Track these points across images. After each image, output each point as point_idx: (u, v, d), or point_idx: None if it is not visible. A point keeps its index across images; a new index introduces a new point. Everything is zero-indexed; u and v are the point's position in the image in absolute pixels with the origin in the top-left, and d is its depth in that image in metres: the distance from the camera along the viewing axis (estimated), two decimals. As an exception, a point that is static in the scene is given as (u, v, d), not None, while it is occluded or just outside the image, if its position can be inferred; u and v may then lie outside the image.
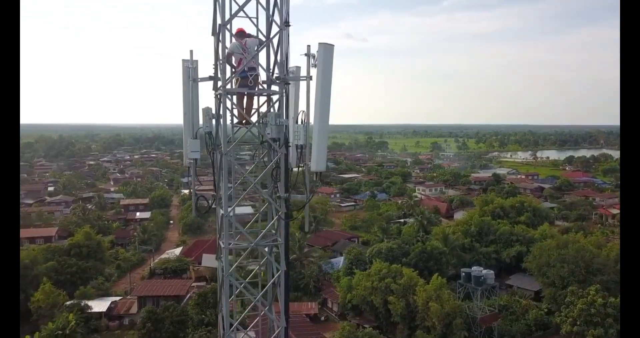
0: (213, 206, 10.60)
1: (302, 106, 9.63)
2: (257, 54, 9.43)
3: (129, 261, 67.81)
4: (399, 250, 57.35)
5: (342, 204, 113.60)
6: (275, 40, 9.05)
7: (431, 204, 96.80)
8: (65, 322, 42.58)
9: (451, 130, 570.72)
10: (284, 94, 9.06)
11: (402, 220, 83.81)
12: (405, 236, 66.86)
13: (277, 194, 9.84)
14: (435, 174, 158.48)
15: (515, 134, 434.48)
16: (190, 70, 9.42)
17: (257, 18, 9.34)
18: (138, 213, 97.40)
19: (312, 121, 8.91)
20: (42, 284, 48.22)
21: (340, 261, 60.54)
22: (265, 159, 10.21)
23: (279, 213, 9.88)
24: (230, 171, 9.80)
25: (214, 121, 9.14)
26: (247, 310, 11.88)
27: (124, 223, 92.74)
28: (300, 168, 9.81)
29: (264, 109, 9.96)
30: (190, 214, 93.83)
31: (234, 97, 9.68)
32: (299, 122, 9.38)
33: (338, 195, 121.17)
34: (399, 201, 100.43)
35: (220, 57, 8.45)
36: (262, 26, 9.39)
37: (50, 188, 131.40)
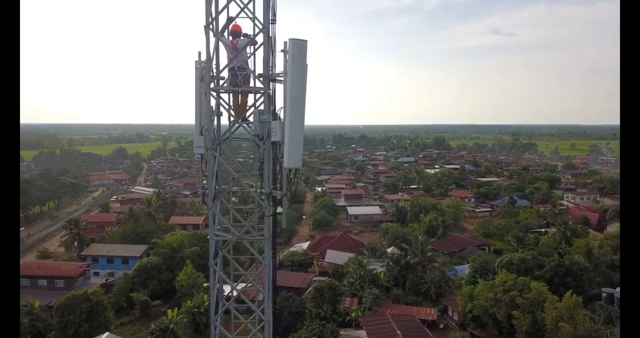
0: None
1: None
2: (246, 54, 9.60)
3: (262, 252, 72.76)
4: (533, 262, 52.43)
5: (477, 210, 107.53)
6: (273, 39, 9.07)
7: (579, 214, 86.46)
8: (200, 301, 47.51)
9: (616, 131, 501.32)
10: (268, 91, 9.00)
11: (542, 230, 76.54)
12: (542, 248, 61.02)
13: (261, 190, 9.86)
14: (589, 181, 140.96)
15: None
16: (198, 70, 9.84)
17: (253, 16, 9.49)
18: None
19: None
20: (185, 266, 54.35)
21: (465, 268, 57.46)
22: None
23: (261, 209, 9.92)
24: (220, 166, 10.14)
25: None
26: (232, 299, 12.02)
27: (261, 214, 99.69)
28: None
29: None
30: (321, 211, 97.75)
31: (230, 95, 10.03)
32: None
33: (473, 199, 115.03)
34: (542, 209, 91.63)
35: (206, 57, 8.74)
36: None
37: (205, 181, 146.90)
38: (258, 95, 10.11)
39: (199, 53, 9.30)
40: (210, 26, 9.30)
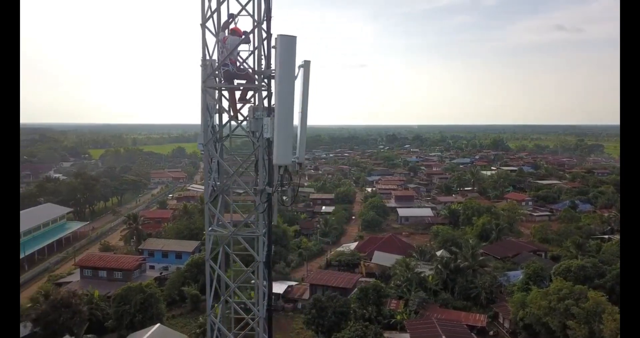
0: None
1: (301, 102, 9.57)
2: (234, 51, 9.58)
3: (309, 251, 73.35)
4: (593, 270, 49.53)
5: (535, 214, 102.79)
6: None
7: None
8: (247, 297, 48.51)
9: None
10: (262, 88, 8.87)
11: (605, 236, 72.00)
12: (605, 255, 57.44)
13: (255, 187, 9.77)
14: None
15: None
16: (203, 69, 9.97)
17: (254, 14, 9.46)
18: (324, 207, 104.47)
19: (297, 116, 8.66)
20: (234, 262, 55.65)
21: (519, 274, 55.08)
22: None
23: (256, 205, 9.85)
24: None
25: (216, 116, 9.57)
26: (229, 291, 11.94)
27: (311, 215, 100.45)
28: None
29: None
30: (371, 211, 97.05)
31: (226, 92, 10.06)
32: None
33: (530, 203, 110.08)
34: (606, 214, 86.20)
35: (201, 55, 8.77)
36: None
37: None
38: (251, 92, 10.23)
39: (205, 51, 9.48)
40: (208, 23, 9.45)
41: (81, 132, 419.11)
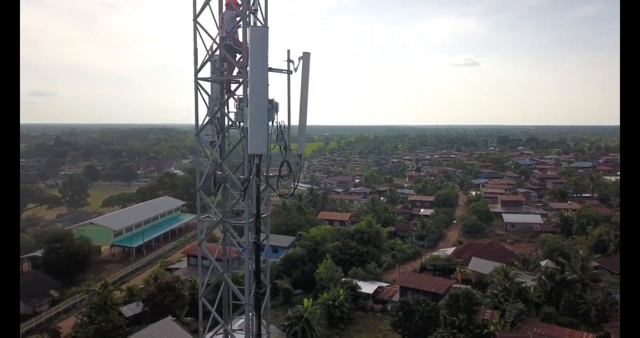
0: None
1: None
2: (231, 25, 9.42)
3: (403, 253, 71.96)
4: None
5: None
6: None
7: None
8: (336, 295, 49.07)
9: None
10: (247, 80, 8.62)
11: None
12: None
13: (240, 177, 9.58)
14: None
15: None
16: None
17: (258, 8, 9.33)
18: (422, 210, 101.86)
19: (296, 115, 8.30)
20: (325, 260, 56.59)
21: (639, 292, 48.77)
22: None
23: (241, 194, 9.75)
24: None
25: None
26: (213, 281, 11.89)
27: (408, 217, 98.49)
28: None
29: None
30: (473, 216, 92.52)
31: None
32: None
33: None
34: None
35: (193, 49, 8.79)
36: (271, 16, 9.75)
37: (357, 180, 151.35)
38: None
39: (212, 45, 9.77)
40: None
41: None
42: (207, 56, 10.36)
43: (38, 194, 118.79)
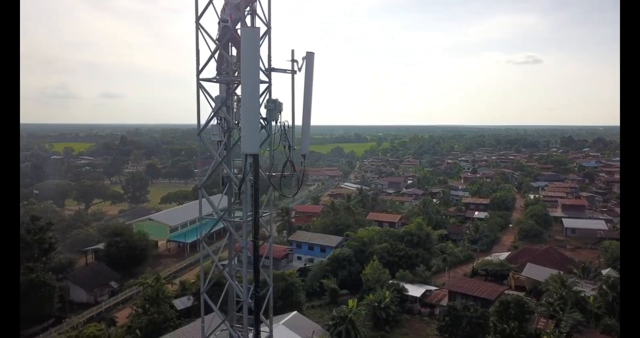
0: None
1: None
2: (235, 10, 9.34)
3: (455, 257, 70.10)
4: None
5: None
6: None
7: None
8: (382, 296, 48.56)
9: None
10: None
11: None
12: None
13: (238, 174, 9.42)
14: None
15: None
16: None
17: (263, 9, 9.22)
18: (476, 212, 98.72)
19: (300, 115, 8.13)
20: (372, 261, 56.14)
21: None
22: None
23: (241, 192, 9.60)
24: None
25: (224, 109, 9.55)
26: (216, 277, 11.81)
27: (461, 219, 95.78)
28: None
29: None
30: (530, 220, 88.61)
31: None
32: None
33: None
34: None
35: (195, 51, 8.74)
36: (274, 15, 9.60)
37: (409, 181, 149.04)
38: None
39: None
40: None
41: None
42: (210, 56, 10.56)
43: (103, 191, 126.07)
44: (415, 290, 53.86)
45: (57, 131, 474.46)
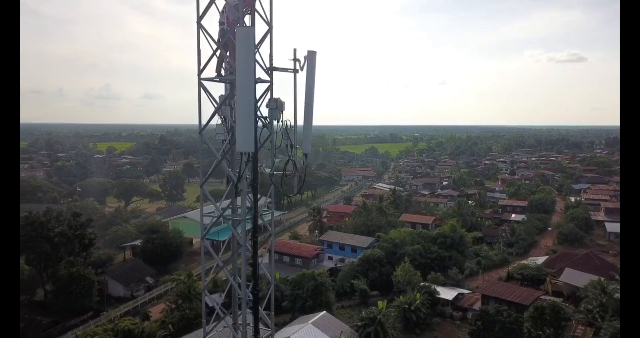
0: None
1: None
2: (234, 12, 9.25)
3: (489, 260, 68.46)
4: None
5: None
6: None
7: None
8: (412, 299, 47.96)
9: None
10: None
11: None
12: None
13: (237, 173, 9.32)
14: None
15: None
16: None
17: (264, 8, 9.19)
18: (513, 215, 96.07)
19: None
20: (403, 262, 55.54)
21: None
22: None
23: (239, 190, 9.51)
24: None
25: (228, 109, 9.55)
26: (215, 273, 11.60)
27: (498, 222, 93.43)
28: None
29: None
30: (570, 223, 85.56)
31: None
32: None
33: None
34: None
35: (197, 51, 8.75)
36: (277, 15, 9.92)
37: (445, 182, 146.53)
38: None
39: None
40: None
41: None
42: (210, 56, 10.70)
43: (142, 189, 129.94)
44: (447, 293, 52.92)
45: (101, 131, 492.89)
